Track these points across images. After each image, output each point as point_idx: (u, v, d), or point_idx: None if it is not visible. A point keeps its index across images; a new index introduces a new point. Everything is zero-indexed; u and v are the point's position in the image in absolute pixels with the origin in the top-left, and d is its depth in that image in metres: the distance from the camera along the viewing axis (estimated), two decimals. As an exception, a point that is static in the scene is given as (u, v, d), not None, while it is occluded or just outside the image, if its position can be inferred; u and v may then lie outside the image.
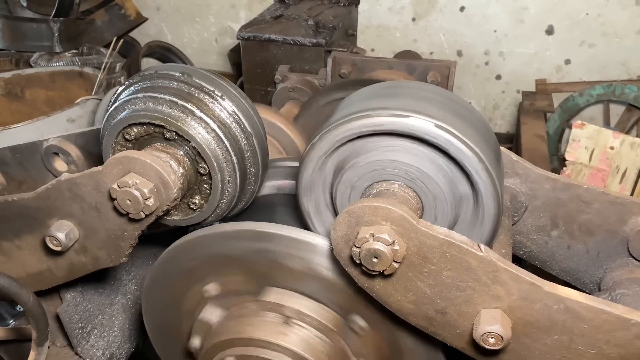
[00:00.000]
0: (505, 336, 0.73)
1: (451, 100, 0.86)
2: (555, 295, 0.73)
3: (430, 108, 0.80)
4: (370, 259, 0.72)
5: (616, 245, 1.02)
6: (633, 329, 0.71)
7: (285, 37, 2.46)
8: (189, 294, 1.00)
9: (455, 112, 0.82)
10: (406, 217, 0.72)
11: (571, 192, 1.01)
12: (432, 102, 0.82)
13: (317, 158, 0.84)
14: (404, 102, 0.81)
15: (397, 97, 0.83)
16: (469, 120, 0.83)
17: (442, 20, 3.57)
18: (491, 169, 0.78)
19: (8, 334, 1.34)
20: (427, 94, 0.85)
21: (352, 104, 0.85)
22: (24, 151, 1.31)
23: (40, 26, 3.15)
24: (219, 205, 0.98)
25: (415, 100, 0.81)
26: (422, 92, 0.85)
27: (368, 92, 0.88)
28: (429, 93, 0.86)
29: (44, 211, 0.99)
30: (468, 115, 0.84)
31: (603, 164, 2.98)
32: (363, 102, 0.84)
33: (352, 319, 0.91)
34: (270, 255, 0.88)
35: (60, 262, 1.04)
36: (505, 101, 3.70)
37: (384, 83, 0.91)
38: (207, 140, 0.92)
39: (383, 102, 0.82)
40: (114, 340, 1.33)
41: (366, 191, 0.84)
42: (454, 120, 0.79)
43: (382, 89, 0.88)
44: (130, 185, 0.86)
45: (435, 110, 0.80)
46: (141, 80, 0.97)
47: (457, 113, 0.82)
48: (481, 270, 0.73)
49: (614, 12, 3.25)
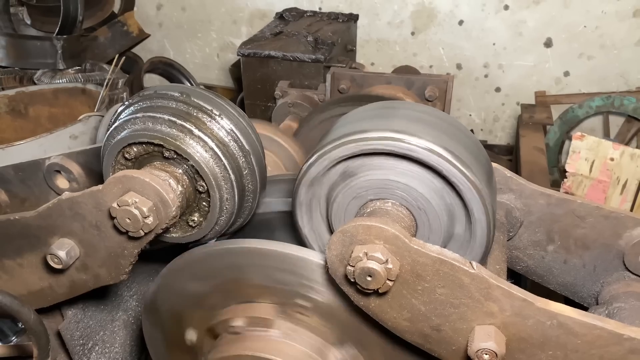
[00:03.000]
0: (500, 352, 0.73)
1: (443, 121, 0.87)
2: (548, 311, 0.73)
3: (423, 129, 0.81)
4: (364, 278, 0.73)
5: (612, 259, 1.03)
6: (626, 344, 0.72)
7: (285, 54, 2.49)
8: (192, 312, 1.01)
9: (447, 132, 0.83)
10: (399, 235, 0.73)
11: (566, 207, 1.02)
12: (424, 123, 0.83)
13: (312, 177, 0.85)
14: (398, 124, 0.82)
15: (392, 118, 0.85)
16: (460, 139, 0.84)
17: (442, 34, 3.60)
18: (482, 186, 0.79)
19: (10, 350, 1.35)
20: (420, 114, 0.87)
21: (348, 124, 0.87)
22: (27, 169, 1.33)
23: (43, 44, 3.19)
24: (218, 222, 0.99)
25: (408, 122, 0.83)
26: (415, 113, 0.87)
27: (363, 112, 0.90)
28: (422, 114, 0.87)
29: (45, 229, 1.00)
30: (459, 134, 0.86)
31: (603, 175, 2.98)
32: (359, 122, 0.86)
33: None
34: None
35: (62, 280, 1.06)
36: (505, 113, 3.71)
37: (379, 103, 0.93)
38: (205, 158, 0.94)
39: (378, 123, 0.83)
40: (115, 356, 1.34)
41: (360, 210, 0.85)
42: (446, 140, 0.81)
43: (377, 109, 0.90)
44: (129, 204, 0.87)
45: (428, 130, 0.81)
46: (141, 100, 0.99)
47: (449, 133, 0.84)
48: (474, 287, 0.74)
49: (611, 24, 3.27)
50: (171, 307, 1.08)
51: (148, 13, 4.24)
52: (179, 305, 1.05)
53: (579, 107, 3.31)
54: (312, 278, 0.87)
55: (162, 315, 1.10)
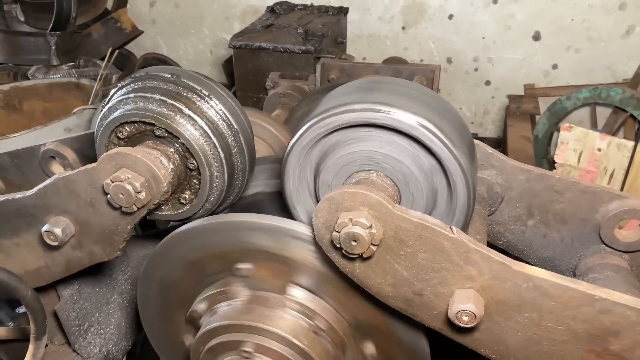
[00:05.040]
0: (478, 314, 0.76)
1: (428, 96, 0.90)
2: (524, 273, 0.76)
3: (407, 102, 0.84)
4: (349, 243, 0.76)
5: (589, 232, 1.07)
6: (597, 305, 0.75)
7: (276, 45, 2.53)
8: (185, 282, 1.04)
9: (431, 106, 0.86)
10: (382, 202, 0.76)
11: (544, 182, 1.06)
12: (409, 97, 0.86)
13: (301, 149, 0.88)
14: (383, 96, 0.85)
15: (377, 91, 0.88)
16: (444, 114, 0.87)
17: (432, 29, 3.65)
18: (462, 157, 0.82)
19: (7, 333, 1.38)
20: (405, 89, 0.90)
21: (334, 98, 0.90)
22: (22, 156, 1.36)
23: (37, 40, 3.21)
24: (208, 199, 1.02)
25: (393, 95, 0.86)
26: (400, 87, 0.90)
27: (350, 86, 0.93)
28: (407, 88, 0.90)
29: (41, 208, 1.03)
30: (442, 109, 0.89)
31: (591, 166, 3.03)
32: (344, 96, 0.89)
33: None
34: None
35: (57, 258, 1.08)
36: (495, 106, 3.76)
37: (365, 79, 0.96)
38: (195, 136, 0.97)
39: (363, 96, 0.87)
40: (110, 337, 1.37)
41: (346, 181, 0.88)
42: (429, 113, 0.83)
43: (363, 83, 0.93)
44: (122, 180, 0.90)
45: (412, 103, 0.84)
46: (133, 81, 1.02)
47: (433, 107, 0.87)
48: (454, 251, 0.77)
49: (598, 17, 3.32)
50: (161, 302, 1.11)
51: (141, 10, 4.27)
52: (165, 298, 1.09)
53: (567, 99, 3.36)
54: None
55: (152, 298, 1.14)
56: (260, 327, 0.91)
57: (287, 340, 0.90)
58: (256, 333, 0.92)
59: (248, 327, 0.92)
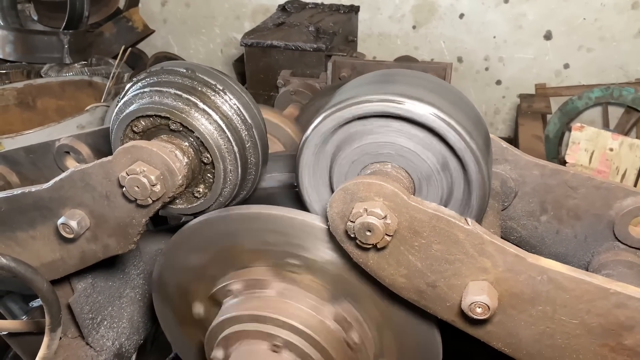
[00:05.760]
0: (492, 306, 0.76)
1: (444, 88, 0.90)
2: (538, 266, 0.76)
3: (424, 93, 0.84)
4: (364, 233, 0.76)
5: (603, 229, 1.06)
6: (612, 299, 0.74)
7: (287, 43, 2.53)
8: (200, 272, 1.05)
9: (447, 98, 0.86)
10: (398, 192, 0.76)
11: (559, 177, 1.05)
12: (425, 88, 0.86)
13: (316, 141, 0.88)
14: (399, 88, 0.85)
15: (393, 83, 0.88)
16: (460, 106, 0.87)
17: (442, 28, 3.64)
18: (479, 149, 0.82)
19: (22, 326, 1.39)
20: (421, 81, 0.90)
21: (350, 89, 0.90)
22: (37, 151, 1.37)
23: (50, 38, 3.24)
24: (222, 193, 1.03)
25: (409, 86, 0.86)
26: (416, 79, 0.90)
27: (365, 79, 0.93)
28: (423, 80, 0.90)
29: (57, 201, 1.04)
30: (459, 101, 0.89)
31: (603, 166, 3.01)
32: (361, 87, 0.89)
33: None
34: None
35: (73, 251, 1.09)
36: (506, 106, 3.75)
37: (380, 71, 0.96)
38: (209, 130, 0.98)
39: (379, 87, 0.86)
40: (122, 331, 1.38)
41: (361, 172, 0.89)
42: (446, 105, 0.83)
43: (379, 76, 0.93)
44: (138, 173, 0.91)
45: (428, 95, 0.84)
46: (148, 76, 1.03)
47: (449, 99, 0.86)
48: (468, 242, 0.77)
49: (610, 16, 3.30)
50: (177, 282, 1.11)
51: (153, 9, 4.29)
52: (183, 279, 1.09)
53: (579, 99, 3.34)
54: (300, 237, 0.91)
55: (169, 291, 1.14)
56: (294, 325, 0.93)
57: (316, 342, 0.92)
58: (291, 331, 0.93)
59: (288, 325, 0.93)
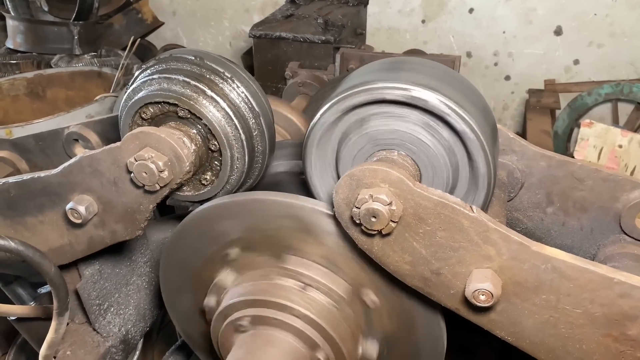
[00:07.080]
0: (495, 293, 0.76)
1: (451, 76, 0.90)
2: (543, 254, 0.76)
3: (431, 81, 0.84)
4: (369, 219, 0.77)
5: (609, 221, 1.06)
6: (616, 288, 0.74)
7: (296, 35, 2.54)
8: (209, 255, 1.06)
9: (454, 86, 0.86)
10: (403, 179, 0.77)
11: (565, 169, 1.05)
12: (433, 76, 0.86)
13: (323, 128, 0.89)
14: (407, 75, 0.85)
15: (401, 70, 0.88)
16: (468, 95, 0.88)
17: (452, 22, 3.63)
18: (485, 137, 0.82)
19: (30, 311, 1.41)
20: (429, 69, 0.90)
21: (358, 76, 0.90)
22: (47, 138, 1.39)
23: (60, 29, 3.26)
24: (229, 180, 1.04)
25: (417, 74, 0.86)
26: (422, 67, 0.90)
27: (373, 66, 0.93)
28: (432, 68, 0.90)
29: (65, 187, 1.05)
30: (467, 90, 0.89)
31: (612, 162, 3.00)
32: (368, 74, 0.89)
33: (364, 292, 0.96)
34: (295, 224, 0.94)
35: (80, 236, 1.11)
36: (514, 102, 3.73)
37: (386, 59, 0.96)
38: (217, 118, 0.98)
39: (387, 75, 0.87)
40: (129, 318, 1.39)
41: (368, 159, 0.89)
42: (453, 93, 0.83)
43: (385, 63, 0.93)
44: (146, 159, 0.92)
45: (436, 82, 0.84)
46: (156, 63, 1.04)
47: (457, 87, 0.87)
48: (473, 230, 0.77)
49: (622, 12, 3.28)
50: (192, 250, 1.11)
51: (162, 1, 4.31)
52: (199, 248, 1.09)
53: (588, 95, 3.32)
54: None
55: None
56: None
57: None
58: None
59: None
